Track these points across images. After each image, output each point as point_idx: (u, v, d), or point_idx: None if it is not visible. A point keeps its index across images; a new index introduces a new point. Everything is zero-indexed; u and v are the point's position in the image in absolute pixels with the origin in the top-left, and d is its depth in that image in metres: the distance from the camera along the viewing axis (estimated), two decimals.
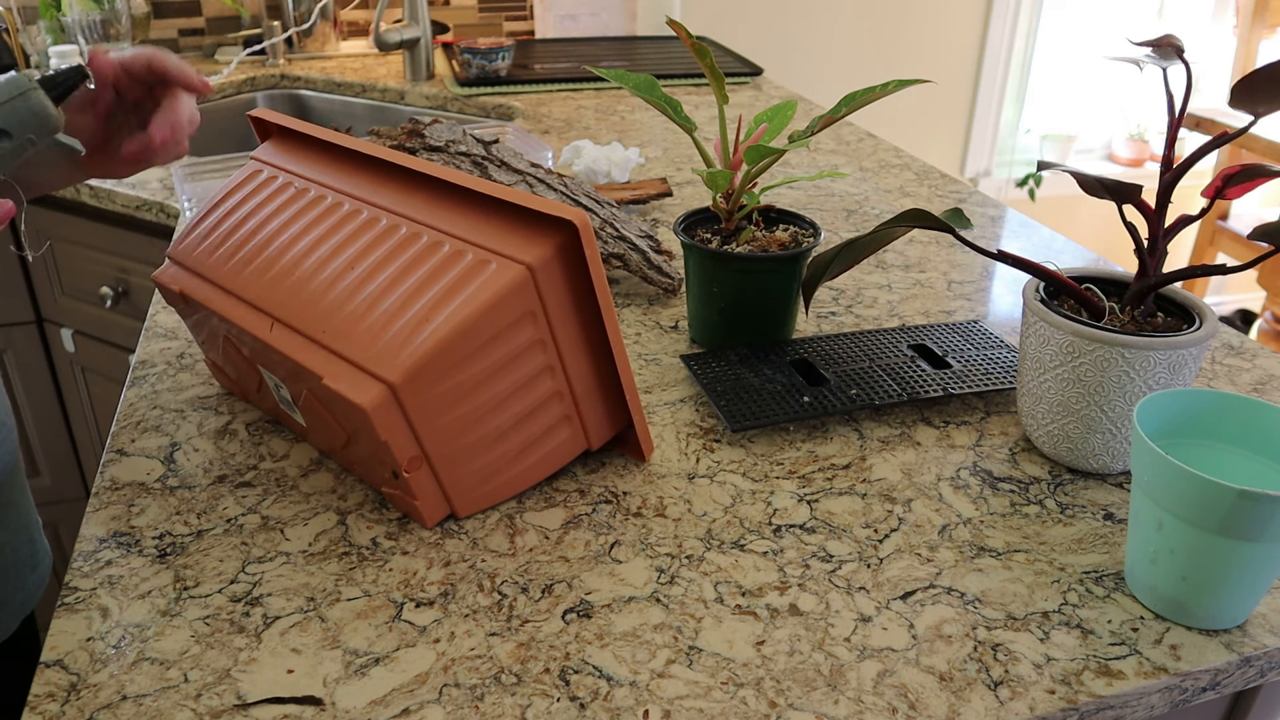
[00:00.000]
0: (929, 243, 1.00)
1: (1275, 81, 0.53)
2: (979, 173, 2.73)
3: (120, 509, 0.58)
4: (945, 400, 0.71)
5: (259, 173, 0.67)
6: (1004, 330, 0.81)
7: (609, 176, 1.08)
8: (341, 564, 0.54)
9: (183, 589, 0.52)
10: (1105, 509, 0.59)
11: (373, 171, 0.62)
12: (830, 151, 1.33)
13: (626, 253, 0.84)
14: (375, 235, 0.57)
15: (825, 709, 0.45)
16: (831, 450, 0.65)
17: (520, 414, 0.56)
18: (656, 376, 0.73)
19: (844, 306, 0.86)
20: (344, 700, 0.45)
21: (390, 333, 0.52)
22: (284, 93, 1.80)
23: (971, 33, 2.53)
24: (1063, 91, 2.88)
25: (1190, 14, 2.90)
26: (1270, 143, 2.28)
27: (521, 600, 0.51)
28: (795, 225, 0.77)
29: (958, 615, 0.51)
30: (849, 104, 0.69)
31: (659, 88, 0.72)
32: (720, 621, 0.50)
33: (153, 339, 0.78)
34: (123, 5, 1.59)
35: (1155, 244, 0.59)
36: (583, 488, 0.61)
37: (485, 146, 0.88)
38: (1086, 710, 0.46)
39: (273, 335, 0.56)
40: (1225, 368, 0.77)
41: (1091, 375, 0.57)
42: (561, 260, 0.53)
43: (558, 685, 0.46)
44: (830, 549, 0.56)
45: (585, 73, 1.68)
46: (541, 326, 0.54)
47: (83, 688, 0.46)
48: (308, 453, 0.64)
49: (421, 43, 1.67)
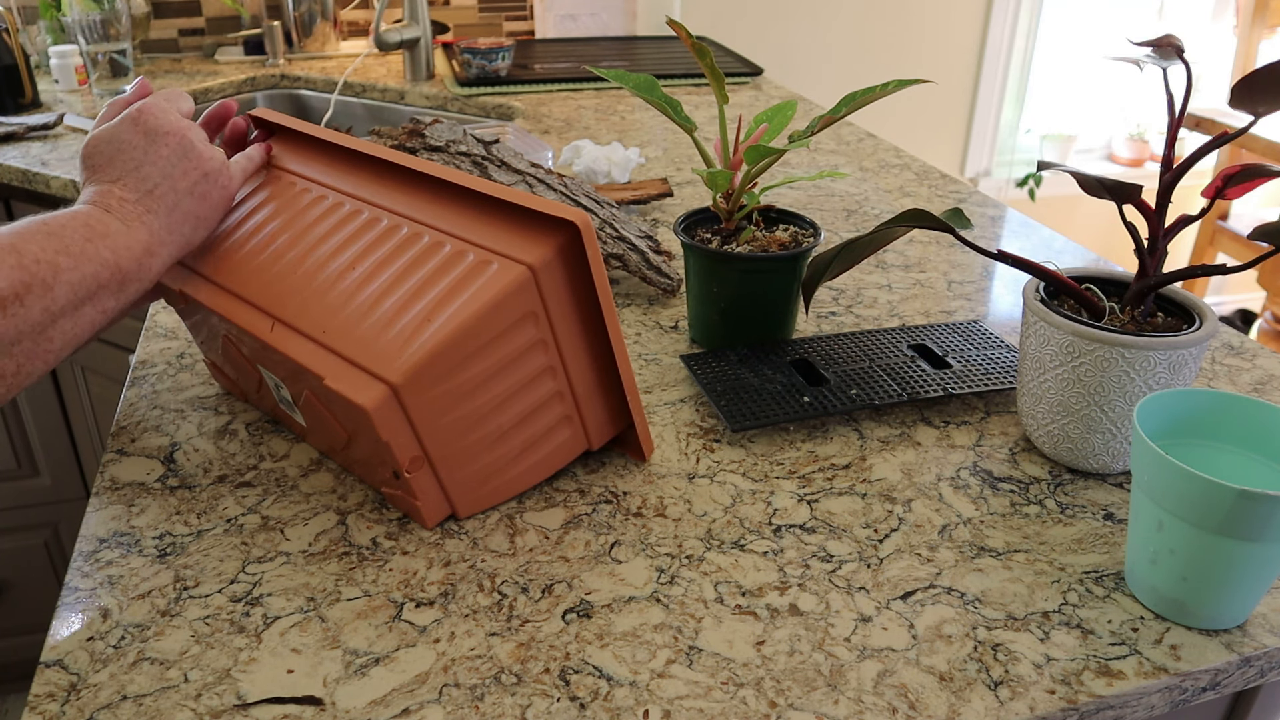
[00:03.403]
0: (929, 243, 1.00)
1: (1275, 81, 0.53)
2: (979, 173, 2.73)
3: (120, 509, 0.58)
4: (945, 400, 0.71)
5: (260, 172, 0.67)
6: (1004, 330, 0.81)
7: (609, 176, 1.08)
8: (341, 564, 0.54)
9: (183, 589, 0.52)
10: (1105, 509, 0.59)
11: (375, 172, 0.62)
12: (830, 151, 1.33)
13: (626, 253, 0.84)
14: (377, 235, 0.57)
15: (825, 709, 0.45)
16: (831, 450, 0.65)
17: (521, 414, 0.56)
18: (656, 376, 0.74)
19: (844, 306, 0.86)
20: (344, 700, 0.45)
21: (392, 333, 0.52)
22: (284, 93, 1.80)
23: (971, 33, 2.53)
24: (1063, 91, 2.89)
25: (1190, 14, 2.90)
26: (1270, 143, 2.28)
27: (521, 600, 0.51)
28: (795, 225, 0.77)
29: (958, 615, 0.51)
30: (849, 104, 0.69)
31: (659, 88, 0.72)
32: (720, 621, 0.50)
33: (153, 339, 0.78)
34: (123, 5, 1.59)
35: (1155, 244, 0.59)
36: (583, 488, 0.61)
37: (485, 146, 0.88)
38: (1086, 710, 0.46)
39: (273, 335, 0.56)
40: (1225, 368, 0.77)
41: (1091, 375, 0.57)
42: (563, 261, 0.53)
43: (558, 685, 0.46)
44: (830, 549, 0.56)
45: (585, 73, 1.68)
46: (543, 327, 0.54)
47: (83, 688, 0.46)
48: (308, 453, 0.64)
49: (421, 43, 1.67)
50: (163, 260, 0.58)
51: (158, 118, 0.59)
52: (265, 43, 1.82)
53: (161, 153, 0.58)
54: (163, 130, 0.59)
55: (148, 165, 0.58)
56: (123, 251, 0.55)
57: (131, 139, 0.58)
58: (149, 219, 0.57)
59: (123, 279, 0.55)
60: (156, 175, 0.58)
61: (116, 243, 0.55)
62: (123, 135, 0.58)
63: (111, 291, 0.55)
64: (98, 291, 0.54)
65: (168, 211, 0.58)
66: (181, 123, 0.60)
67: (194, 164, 0.59)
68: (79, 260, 0.53)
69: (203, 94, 1.69)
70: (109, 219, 0.56)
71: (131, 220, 0.56)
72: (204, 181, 0.60)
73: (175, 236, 0.59)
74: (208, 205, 0.60)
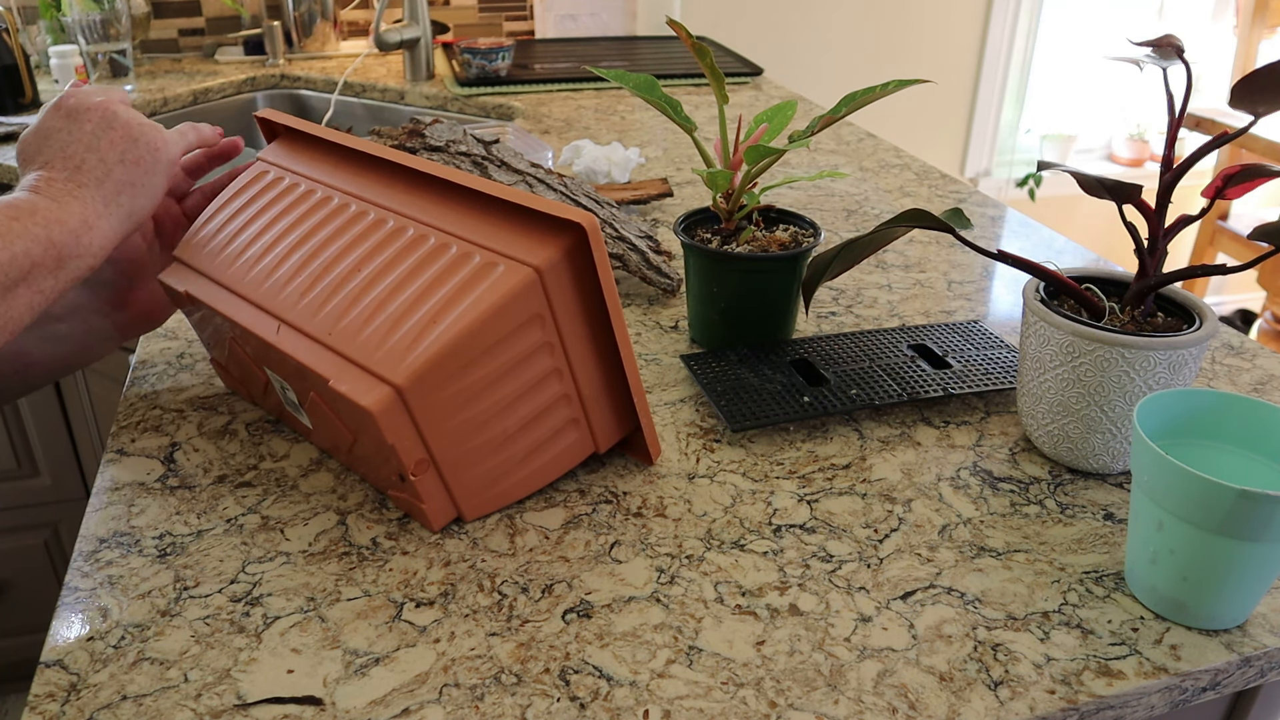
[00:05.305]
0: (929, 243, 1.00)
1: (1275, 81, 0.53)
2: (979, 173, 2.73)
3: (120, 509, 0.58)
4: (945, 400, 0.71)
5: (265, 173, 0.67)
6: (1004, 330, 0.81)
7: (609, 176, 1.08)
8: (341, 564, 0.54)
9: (183, 589, 0.52)
10: (1105, 509, 0.59)
11: (380, 172, 0.62)
12: (830, 151, 1.33)
13: (626, 253, 0.84)
14: (382, 237, 0.57)
15: (825, 709, 0.45)
16: (831, 450, 0.65)
17: (527, 417, 0.56)
18: (656, 376, 0.74)
19: (844, 306, 0.86)
20: (344, 700, 0.45)
21: (397, 335, 0.52)
22: (284, 93, 1.80)
23: (971, 33, 2.53)
24: (1063, 91, 2.89)
25: (1190, 14, 2.90)
26: (1270, 143, 2.28)
27: (521, 600, 0.51)
28: (795, 225, 0.77)
29: (958, 615, 0.51)
30: (849, 104, 0.69)
31: (659, 88, 0.72)
32: (720, 621, 0.50)
33: (153, 339, 0.78)
34: (123, 5, 1.59)
35: (1155, 244, 0.59)
36: (583, 488, 0.61)
37: (485, 146, 0.88)
38: (1086, 710, 0.46)
39: (279, 337, 0.56)
40: (1225, 368, 0.77)
41: (1091, 375, 0.57)
42: (569, 263, 0.53)
43: (558, 685, 0.46)
44: (830, 549, 0.56)
45: (585, 73, 1.68)
46: (549, 329, 0.54)
47: (83, 688, 0.46)
48: (308, 453, 0.64)
49: (421, 43, 1.67)
50: (104, 234, 0.57)
51: (78, 98, 0.59)
52: (265, 43, 1.82)
53: (85, 128, 0.58)
54: (84, 107, 0.59)
55: (73, 144, 0.58)
56: (55, 226, 0.54)
57: (53, 123, 0.58)
58: (81, 193, 0.56)
59: (59, 255, 0.54)
60: (82, 150, 0.58)
61: (47, 217, 0.54)
62: (46, 123, 0.59)
63: (48, 270, 0.54)
64: (31, 271, 0.53)
65: (98, 183, 0.57)
66: (105, 98, 0.60)
67: (120, 132, 0.59)
68: (6, 240, 0.52)
69: (203, 94, 1.69)
70: (35, 198, 0.55)
71: (61, 196, 0.56)
72: (133, 147, 0.59)
73: (114, 209, 0.58)
74: (141, 170, 0.59)
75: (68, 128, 0.58)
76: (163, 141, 0.61)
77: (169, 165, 0.61)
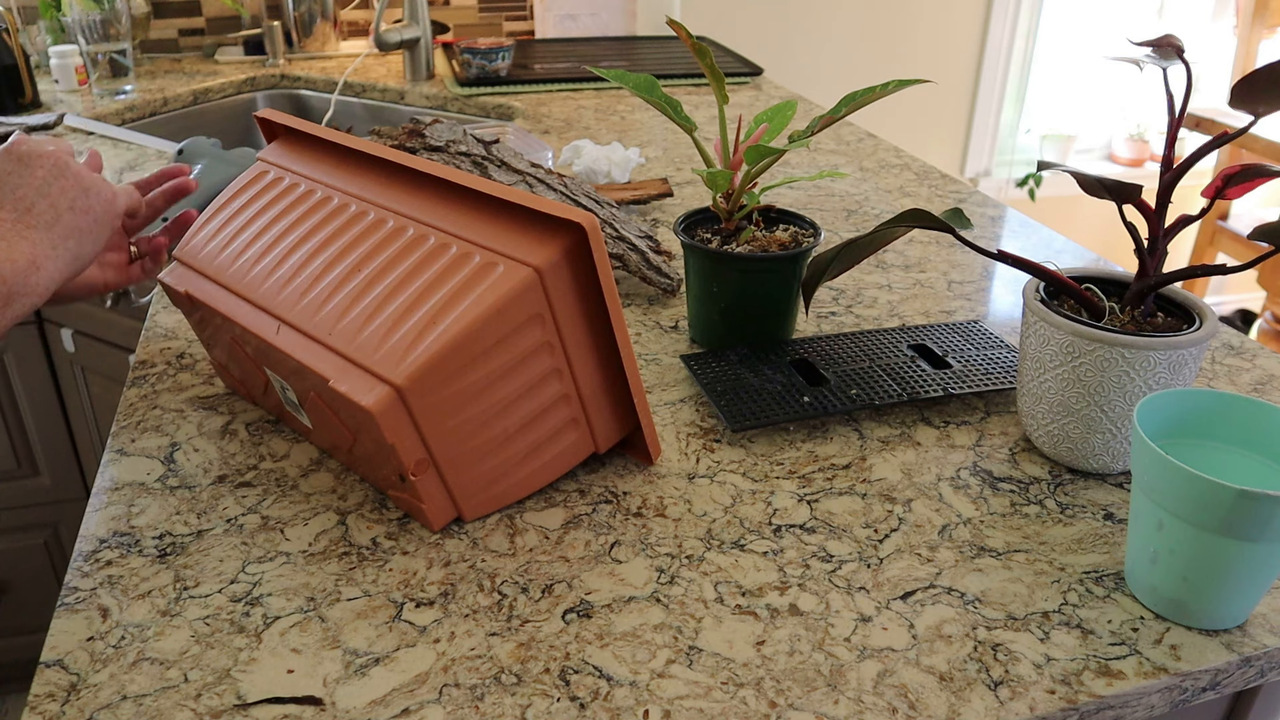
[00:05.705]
0: (929, 243, 1.00)
1: (1275, 81, 0.53)
2: (979, 173, 2.73)
3: (120, 509, 0.58)
4: (945, 400, 0.71)
5: (265, 174, 0.67)
6: (1004, 330, 0.81)
7: (609, 176, 1.08)
8: (341, 564, 0.54)
9: (183, 589, 0.52)
10: (1105, 509, 0.59)
11: (381, 173, 0.62)
12: (830, 151, 1.33)
13: (625, 253, 0.84)
14: (383, 237, 0.57)
15: (825, 709, 0.45)
16: (831, 450, 0.65)
17: (527, 417, 0.56)
18: (656, 376, 0.74)
19: (844, 306, 0.86)
20: (344, 700, 0.45)
21: (397, 335, 0.52)
22: (284, 93, 1.80)
23: (971, 33, 2.53)
24: (1063, 91, 2.89)
25: (1190, 14, 2.90)
26: (1270, 143, 2.28)
27: (521, 600, 0.51)
28: (795, 225, 0.77)
29: (958, 615, 0.51)
30: (849, 104, 0.69)
31: (659, 88, 0.72)
32: (720, 621, 0.50)
33: (153, 339, 0.78)
34: (123, 5, 1.59)
35: (1155, 244, 0.59)
36: (583, 488, 0.61)
37: (485, 146, 0.88)
38: (1086, 710, 0.46)
39: (279, 337, 0.56)
40: (1225, 368, 0.77)
41: (1091, 375, 0.57)
42: (569, 263, 0.53)
43: (558, 685, 0.46)
44: (830, 549, 0.56)
45: (585, 73, 1.68)
46: (549, 329, 0.54)
47: (83, 688, 0.46)
48: (308, 453, 0.64)
49: (421, 43, 1.67)
50: (49, 275, 0.59)
51: (29, 145, 0.61)
52: (265, 43, 1.82)
53: (37, 174, 0.60)
54: (36, 154, 0.61)
55: (24, 187, 0.60)
56: (4, 264, 0.56)
57: (5, 167, 0.60)
58: (30, 234, 0.58)
59: (7, 294, 0.56)
60: (33, 194, 0.60)
61: None
62: None
63: None
64: None
65: (48, 226, 0.59)
66: (56, 149, 0.62)
67: (71, 181, 0.61)
68: None
69: (203, 94, 1.69)
70: None
71: (11, 237, 0.58)
72: (84, 196, 0.62)
73: (61, 251, 0.60)
74: (90, 219, 0.62)
75: (19, 171, 0.60)
76: (112, 194, 0.64)
77: (116, 217, 0.64)
